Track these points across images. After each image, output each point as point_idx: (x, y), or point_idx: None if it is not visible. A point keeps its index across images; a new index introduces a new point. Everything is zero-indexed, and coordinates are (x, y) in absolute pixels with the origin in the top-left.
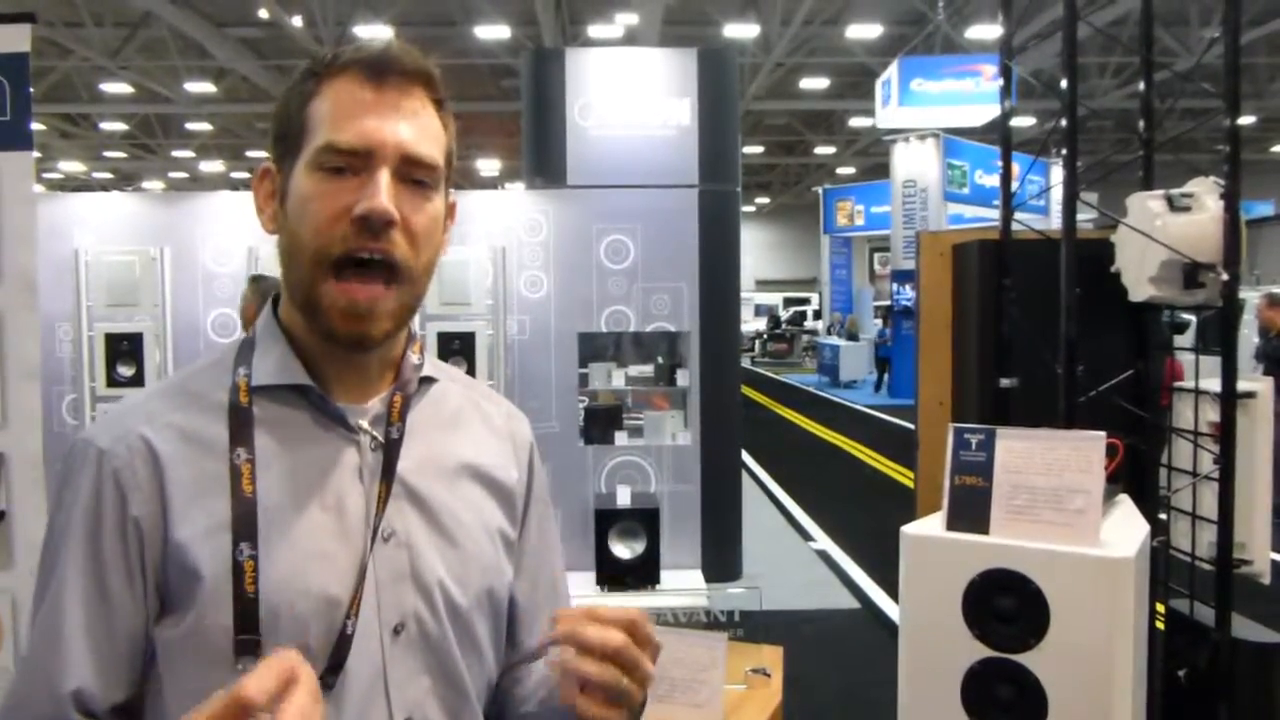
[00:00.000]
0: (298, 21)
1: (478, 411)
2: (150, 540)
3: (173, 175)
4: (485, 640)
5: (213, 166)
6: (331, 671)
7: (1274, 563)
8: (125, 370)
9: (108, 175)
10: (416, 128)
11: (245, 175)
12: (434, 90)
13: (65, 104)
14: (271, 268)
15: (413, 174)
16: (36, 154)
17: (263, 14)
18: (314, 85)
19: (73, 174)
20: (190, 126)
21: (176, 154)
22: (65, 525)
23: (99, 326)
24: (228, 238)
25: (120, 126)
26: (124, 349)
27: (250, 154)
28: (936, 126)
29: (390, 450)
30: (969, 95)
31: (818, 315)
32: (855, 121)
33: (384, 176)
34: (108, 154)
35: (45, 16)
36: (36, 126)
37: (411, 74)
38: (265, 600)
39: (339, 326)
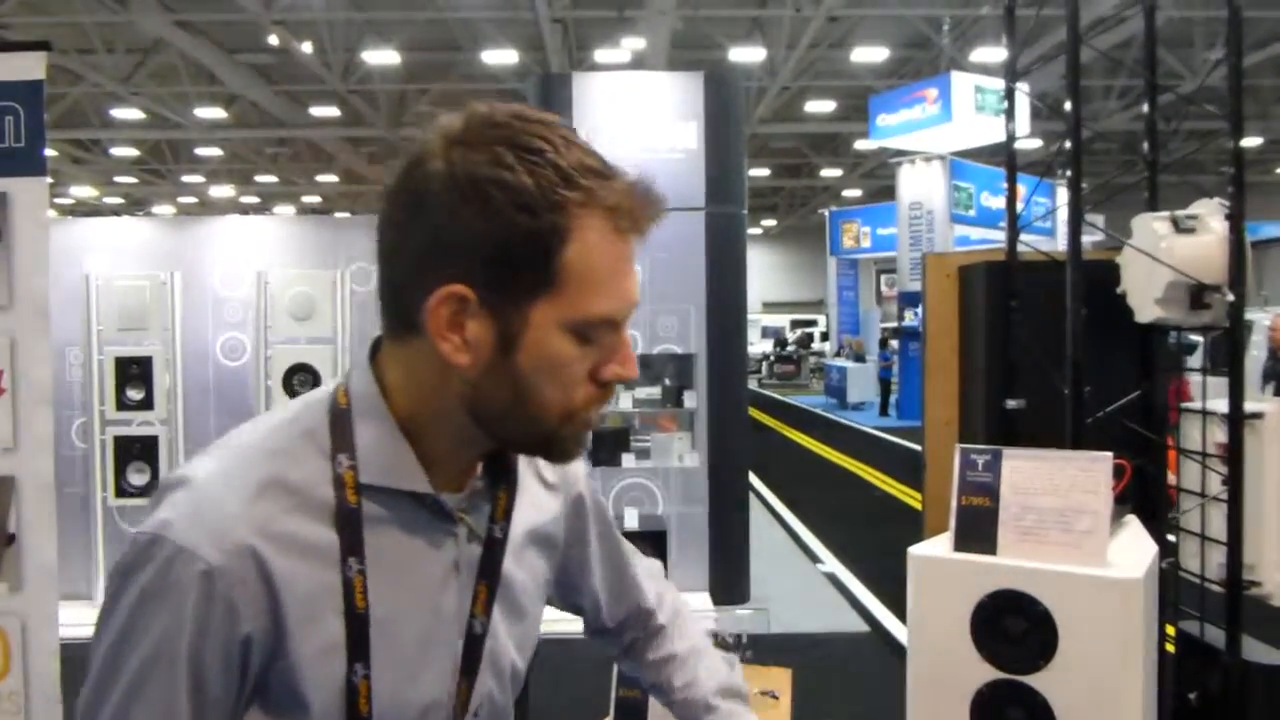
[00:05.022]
0: (307, 48)
1: (531, 467)
2: (259, 653)
3: (183, 200)
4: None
5: (223, 191)
6: None
7: None
8: (135, 394)
9: (119, 200)
10: None
11: (255, 200)
12: None
13: (77, 130)
14: (278, 288)
15: None
16: (49, 179)
17: (273, 40)
18: (564, 222)
19: (84, 199)
20: (200, 152)
21: (187, 179)
22: (158, 650)
23: (109, 350)
24: (237, 262)
25: (131, 152)
26: (134, 373)
27: (259, 179)
28: (901, 156)
29: (495, 550)
30: (919, 122)
31: (825, 337)
32: (861, 144)
33: (629, 337)
34: (119, 179)
35: (58, 43)
36: (48, 152)
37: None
38: (377, 716)
39: (573, 453)
